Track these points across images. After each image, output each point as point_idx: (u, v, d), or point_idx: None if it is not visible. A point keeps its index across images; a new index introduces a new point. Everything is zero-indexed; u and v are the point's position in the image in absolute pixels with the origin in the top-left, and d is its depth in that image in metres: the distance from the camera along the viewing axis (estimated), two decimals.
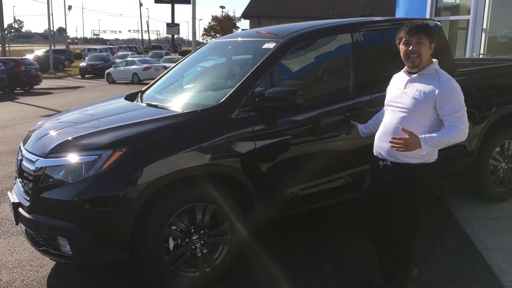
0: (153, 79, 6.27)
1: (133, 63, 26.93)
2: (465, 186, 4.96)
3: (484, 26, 9.97)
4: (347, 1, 38.57)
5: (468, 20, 10.02)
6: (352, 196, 4.07)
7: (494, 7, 10.04)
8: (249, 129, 3.49)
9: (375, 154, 3.10)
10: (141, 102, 4.25)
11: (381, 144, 3.03)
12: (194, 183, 3.35)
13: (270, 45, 3.84)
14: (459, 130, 2.77)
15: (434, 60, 2.94)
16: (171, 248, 3.30)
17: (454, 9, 11.69)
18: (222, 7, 69.45)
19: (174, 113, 3.60)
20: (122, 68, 26.72)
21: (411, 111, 2.87)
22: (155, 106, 3.93)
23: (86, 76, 31.23)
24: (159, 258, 3.23)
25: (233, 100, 3.53)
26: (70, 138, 3.35)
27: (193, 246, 3.36)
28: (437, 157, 2.97)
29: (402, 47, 2.93)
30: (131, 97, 4.51)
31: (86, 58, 34.63)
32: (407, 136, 2.76)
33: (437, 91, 2.79)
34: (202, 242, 3.39)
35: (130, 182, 3.11)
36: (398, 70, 3.20)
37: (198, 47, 5.28)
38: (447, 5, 11.65)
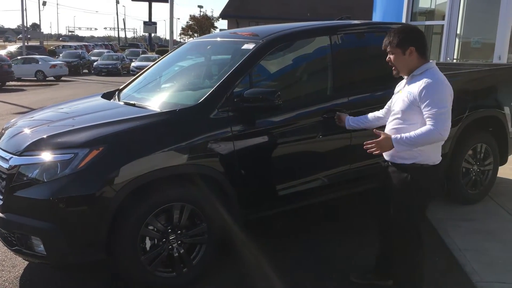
0: (59, 76, 6.14)
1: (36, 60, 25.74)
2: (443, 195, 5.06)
3: (458, 32, 10.19)
4: (324, 3, 38.88)
5: (443, 25, 10.23)
6: (331, 197, 4.13)
7: (467, 13, 10.28)
8: (228, 129, 3.49)
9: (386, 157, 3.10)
10: (119, 100, 4.20)
11: None
12: (172, 183, 3.34)
13: (250, 46, 3.85)
14: (433, 130, 2.71)
15: (431, 60, 2.95)
16: (148, 248, 3.28)
17: (430, 14, 11.91)
18: (200, 7, 69.21)
19: (153, 112, 3.58)
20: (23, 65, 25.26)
21: (402, 114, 2.91)
22: (133, 105, 3.89)
23: None
24: (135, 258, 3.20)
25: (212, 100, 3.52)
26: (45, 136, 3.29)
27: (170, 246, 3.34)
28: (438, 161, 2.95)
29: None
30: (108, 96, 4.46)
31: (61, 55, 33.98)
32: (380, 137, 2.84)
33: (418, 89, 2.79)
34: (179, 242, 3.38)
35: (107, 181, 3.07)
36: (376, 73, 3.27)
37: (176, 46, 5.26)
38: (423, 10, 11.87)
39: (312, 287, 3.52)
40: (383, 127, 3.15)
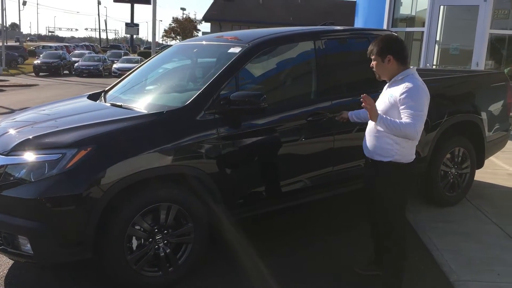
0: None
1: None
2: (417, 190, 5.20)
3: (438, 39, 10.44)
4: (307, 8, 39.26)
5: (423, 32, 10.47)
6: (316, 198, 4.23)
7: (447, 21, 10.54)
8: (214, 131, 3.56)
9: (366, 155, 3.36)
10: (105, 102, 4.23)
11: (364, 144, 3.33)
12: (159, 184, 3.39)
13: (236, 50, 3.93)
14: (410, 124, 2.94)
15: (411, 67, 3.19)
16: (134, 248, 3.32)
17: (410, 20, 12.16)
18: (183, 9, 69.03)
19: (140, 113, 3.63)
20: None
21: (383, 114, 3.09)
22: (120, 106, 3.93)
23: (41, 74, 30.24)
24: (122, 257, 3.24)
25: (199, 102, 3.59)
26: (31, 137, 3.31)
27: (156, 246, 3.39)
28: (411, 160, 3.20)
29: None
30: (94, 97, 4.49)
31: (41, 55, 33.56)
32: (372, 104, 3.02)
33: (400, 93, 3.02)
34: (166, 242, 3.43)
35: (95, 182, 3.11)
36: (357, 77, 3.46)
37: (159, 48, 5.30)
38: (403, 16, 12.11)
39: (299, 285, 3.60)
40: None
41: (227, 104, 3.60)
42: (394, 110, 3.06)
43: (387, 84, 3.27)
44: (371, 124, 3.27)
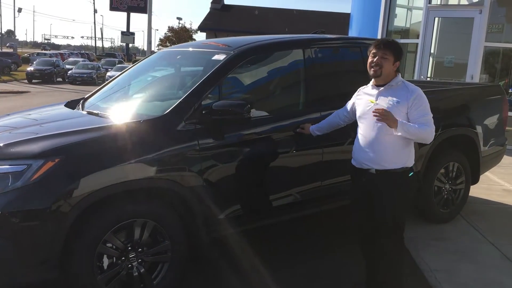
0: None
1: None
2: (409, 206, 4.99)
3: (432, 51, 10.32)
4: (302, 19, 39.31)
5: (417, 44, 10.34)
6: (303, 213, 4.02)
7: (441, 33, 10.43)
8: (195, 142, 3.35)
9: (357, 166, 3.24)
10: (82, 109, 4.02)
11: (364, 155, 3.18)
12: (133, 198, 3.17)
13: (220, 57, 3.74)
14: (429, 129, 3.06)
15: (398, 73, 3.18)
16: (105, 267, 3.08)
17: (404, 32, 12.05)
18: (179, 19, 68.93)
19: (115, 122, 3.41)
20: None
21: None
22: (96, 114, 3.72)
23: (34, 81, 29.94)
24: (91, 277, 3.00)
25: (178, 112, 3.38)
26: None
27: (130, 265, 3.16)
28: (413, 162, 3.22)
29: (369, 58, 3.17)
30: (71, 104, 4.27)
31: (34, 62, 33.30)
32: (388, 112, 2.97)
33: (409, 97, 3.06)
34: (140, 260, 3.20)
35: (62, 195, 2.88)
36: (349, 87, 3.31)
37: (147, 56, 5.11)
38: (398, 28, 12.00)
39: None
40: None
41: (209, 114, 3.40)
42: (398, 113, 3.04)
43: (375, 90, 3.18)
44: (371, 133, 3.14)
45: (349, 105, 3.52)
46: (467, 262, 4.11)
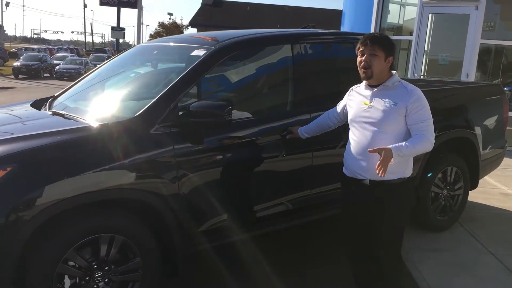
0: None
1: None
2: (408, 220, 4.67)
3: (426, 48, 10.03)
4: (294, 16, 39.00)
5: (411, 40, 10.05)
6: (289, 225, 3.69)
7: (435, 30, 10.14)
8: (170, 147, 3.01)
9: (349, 175, 2.92)
10: (49, 109, 3.65)
11: (357, 163, 2.86)
12: (98, 210, 2.82)
13: (200, 52, 3.39)
14: (427, 139, 2.76)
15: (394, 71, 2.86)
16: None
17: (398, 29, 11.76)
18: (170, 14, 68.02)
19: (80, 125, 3.06)
20: None
21: (383, 124, 2.77)
22: (62, 115, 3.35)
23: (20, 76, 29.35)
24: None
25: (151, 113, 3.03)
26: None
27: (95, 286, 2.81)
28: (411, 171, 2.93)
29: (358, 58, 2.85)
30: (39, 104, 3.90)
31: (21, 57, 32.65)
32: (381, 156, 2.62)
33: (407, 99, 2.75)
34: (107, 280, 2.85)
35: (16, 209, 2.54)
36: (342, 86, 3.02)
37: (123, 50, 4.74)
38: (391, 25, 11.71)
39: None
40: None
41: (186, 116, 3.06)
42: (397, 117, 2.76)
43: (368, 91, 2.86)
44: (364, 140, 2.81)
45: (340, 105, 3.20)
46: (467, 276, 3.81)
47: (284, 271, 3.77)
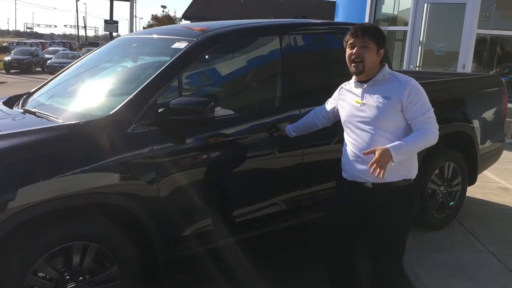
0: None
1: None
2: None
3: (421, 39, 9.82)
4: (289, 7, 38.62)
5: (406, 31, 9.83)
6: (277, 228, 3.48)
7: (431, 21, 9.93)
8: (148, 148, 2.79)
9: (350, 179, 2.69)
10: (21, 107, 3.42)
11: (357, 166, 2.63)
12: (71, 216, 2.61)
13: (181, 45, 3.16)
14: (431, 132, 2.55)
15: (385, 64, 2.65)
16: None
17: (392, 20, 11.54)
18: (164, 7, 67.22)
19: (51, 124, 2.83)
20: None
21: (378, 121, 2.56)
22: (34, 113, 3.12)
23: (12, 71, 28.99)
24: None
25: (128, 111, 2.81)
26: None
27: None
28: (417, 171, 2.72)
29: (347, 51, 2.64)
30: (12, 101, 3.67)
31: (12, 52, 32.24)
32: (377, 154, 2.40)
33: (402, 92, 2.53)
34: None
35: None
36: (332, 80, 2.82)
37: (102, 42, 4.49)
38: (386, 16, 11.49)
39: None
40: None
41: (165, 114, 2.84)
42: (394, 113, 2.54)
43: (358, 88, 2.66)
44: (363, 141, 2.59)
45: (328, 104, 2.99)
46: (467, 279, 3.62)
47: (273, 274, 3.58)
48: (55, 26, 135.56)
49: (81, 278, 2.63)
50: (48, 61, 29.42)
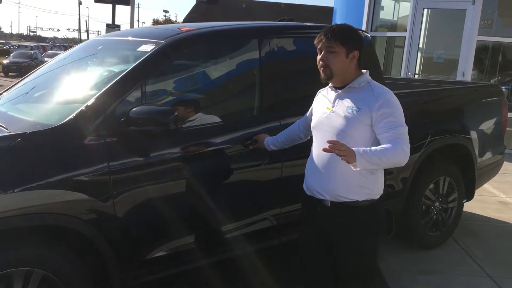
0: None
1: None
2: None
3: (420, 46, 9.55)
4: (290, 13, 38.44)
5: (405, 37, 9.56)
6: (255, 248, 3.19)
7: (430, 28, 9.66)
8: (104, 164, 2.50)
9: (308, 193, 2.46)
10: None
11: (316, 179, 2.41)
12: (11, 240, 2.32)
13: (147, 48, 2.88)
14: (401, 149, 2.22)
15: (364, 70, 2.42)
16: None
17: (391, 27, 11.27)
18: (166, 11, 67.10)
19: None
20: None
21: (345, 133, 2.31)
22: None
23: (10, 74, 28.76)
24: None
25: (81, 121, 2.52)
26: None
27: None
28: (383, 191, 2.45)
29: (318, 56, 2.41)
30: None
31: (11, 55, 32.07)
32: (343, 145, 2.13)
33: (373, 104, 2.29)
34: None
35: None
36: (318, 88, 2.58)
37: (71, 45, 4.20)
38: (385, 22, 11.22)
39: None
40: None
41: (125, 124, 2.56)
42: (362, 126, 2.30)
43: (332, 94, 2.42)
44: (321, 156, 2.35)
45: (309, 113, 2.71)
46: None
47: None
48: (58, 30, 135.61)
49: None
50: None
